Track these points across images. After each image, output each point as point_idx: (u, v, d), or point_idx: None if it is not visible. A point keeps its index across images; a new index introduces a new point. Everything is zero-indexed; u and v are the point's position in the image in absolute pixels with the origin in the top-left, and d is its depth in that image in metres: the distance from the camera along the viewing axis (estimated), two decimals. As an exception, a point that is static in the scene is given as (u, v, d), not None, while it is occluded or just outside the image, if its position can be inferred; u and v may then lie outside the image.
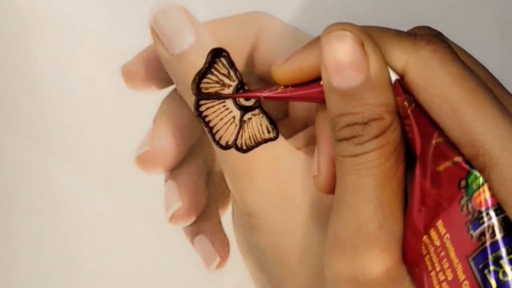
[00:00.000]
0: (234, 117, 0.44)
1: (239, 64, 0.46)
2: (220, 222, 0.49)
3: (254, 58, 0.47)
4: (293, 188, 0.43)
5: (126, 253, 0.50)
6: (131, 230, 0.49)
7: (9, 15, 0.49)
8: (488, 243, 0.33)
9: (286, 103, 0.47)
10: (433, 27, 0.53)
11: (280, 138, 0.44)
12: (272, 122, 0.44)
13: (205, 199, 0.48)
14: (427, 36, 0.36)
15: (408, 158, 0.37)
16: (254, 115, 0.44)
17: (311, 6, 0.50)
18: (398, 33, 0.37)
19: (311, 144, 0.45)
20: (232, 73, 0.44)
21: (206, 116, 0.44)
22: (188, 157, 0.48)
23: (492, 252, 0.33)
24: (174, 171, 0.47)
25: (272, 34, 0.47)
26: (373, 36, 0.37)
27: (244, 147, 0.43)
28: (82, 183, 0.49)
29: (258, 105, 0.44)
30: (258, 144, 0.43)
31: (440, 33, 0.38)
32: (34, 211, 0.50)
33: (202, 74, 0.44)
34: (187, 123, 0.47)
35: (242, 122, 0.44)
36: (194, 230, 0.48)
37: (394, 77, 0.36)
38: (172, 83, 0.46)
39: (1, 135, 0.49)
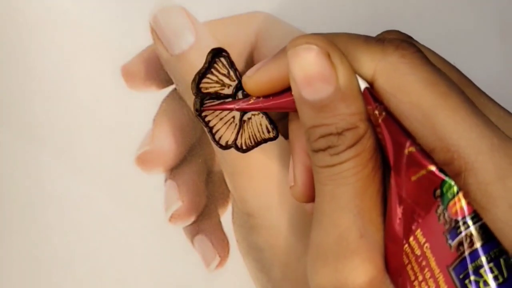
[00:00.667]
0: (234, 117, 0.44)
1: (239, 64, 0.46)
2: (220, 222, 0.49)
3: (254, 58, 0.47)
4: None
5: (126, 253, 0.50)
6: (131, 230, 0.49)
7: (9, 15, 0.49)
8: (467, 253, 0.33)
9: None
10: (432, 27, 0.53)
11: (280, 138, 0.44)
12: (272, 122, 0.44)
13: (205, 199, 0.48)
14: (396, 41, 0.35)
15: (385, 164, 0.36)
16: (254, 115, 0.44)
17: (311, 6, 0.50)
18: (366, 40, 0.36)
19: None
20: (232, 73, 0.44)
21: (206, 116, 0.44)
22: (188, 157, 0.48)
23: (471, 262, 0.33)
24: (174, 171, 0.47)
25: (272, 34, 0.47)
26: (341, 44, 0.36)
27: (244, 147, 0.43)
28: (82, 183, 0.49)
29: (258, 105, 0.44)
30: (258, 144, 0.43)
31: (409, 37, 0.38)
32: (33, 210, 0.50)
33: (202, 74, 0.44)
34: (187, 123, 0.47)
35: (242, 122, 0.44)
36: (194, 230, 0.48)
37: (363, 85, 0.36)
38: (172, 83, 0.46)
39: (1, 135, 0.49)
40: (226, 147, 0.43)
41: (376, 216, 0.36)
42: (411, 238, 0.35)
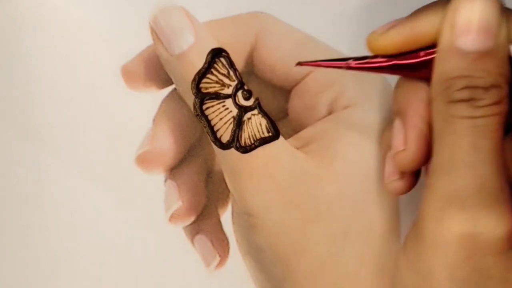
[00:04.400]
0: (233, 117, 0.44)
1: (239, 64, 0.46)
2: (219, 222, 0.49)
3: (254, 58, 0.47)
4: (293, 188, 0.43)
5: (126, 253, 0.50)
6: (131, 230, 0.49)
7: (9, 15, 0.49)
8: None
9: (285, 102, 0.48)
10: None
11: (280, 138, 0.44)
12: (271, 121, 0.44)
13: (205, 199, 0.48)
14: None
15: None
16: (253, 115, 0.44)
17: (311, 6, 0.50)
18: None
19: (310, 144, 0.45)
20: (231, 73, 0.44)
21: (205, 116, 0.44)
22: (188, 157, 0.48)
23: None
24: (173, 171, 0.47)
25: (272, 34, 0.47)
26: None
27: (244, 147, 0.43)
28: (81, 183, 0.49)
29: (258, 105, 0.44)
30: (257, 143, 0.43)
31: None
32: (33, 210, 0.50)
33: (201, 74, 0.44)
34: (187, 123, 0.47)
35: (241, 122, 0.44)
36: (194, 230, 0.48)
37: None
38: (171, 83, 0.46)
39: (0, 134, 0.49)
40: (226, 147, 0.43)
41: (509, 175, 0.37)
42: None
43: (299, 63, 0.42)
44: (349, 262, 0.43)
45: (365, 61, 0.39)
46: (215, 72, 0.44)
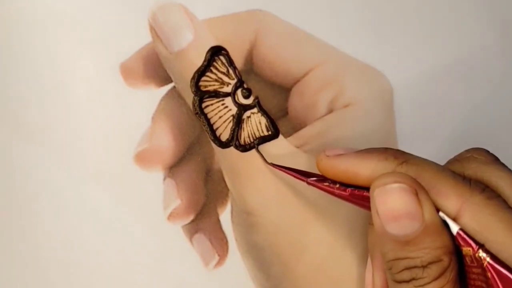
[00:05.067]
0: (233, 116, 0.43)
1: (238, 62, 0.46)
2: (218, 221, 0.49)
3: (253, 56, 0.47)
4: (292, 187, 0.43)
5: (125, 251, 0.50)
6: (130, 229, 0.49)
7: (7, 13, 0.49)
8: None
9: (285, 101, 0.47)
10: (433, 26, 0.53)
11: (280, 136, 0.44)
12: (271, 120, 0.44)
13: (204, 197, 0.48)
14: (481, 184, 0.38)
15: None
16: (253, 113, 0.44)
17: (310, 4, 0.50)
18: (454, 177, 0.38)
19: (310, 143, 0.45)
20: (231, 71, 0.44)
21: (205, 114, 0.43)
22: (187, 155, 0.47)
23: None
24: (172, 169, 0.47)
25: (271, 32, 0.47)
26: (429, 175, 0.38)
27: (243, 146, 0.43)
28: (80, 181, 0.49)
29: (257, 103, 0.44)
30: (257, 142, 0.43)
31: (496, 158, 0.40)
32: (32, 209, 0.49)
33: (201, 72, 0.43)
34: (186, 121, 0.46)
35: (241, 120, 0.44)
36: (193, 229, 0.48)
37: (455, 227, 0.37)
38: (171, 81, 0.46)
39: (0, 134, 0.49)
40: (225, 145, 0.43)
41: None
42: None
43: (271, 164, 0.42)
44: (349, 261, 0.43)
45: (321, 183, 0.40)
46: (214, 70, 0.44)
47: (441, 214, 0.37)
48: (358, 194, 0.39)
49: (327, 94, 0.46)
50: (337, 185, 0.40)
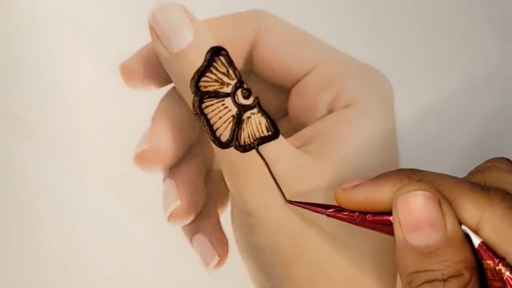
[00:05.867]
0: (233, 116, 0.43)
1: (238, 62, 0.46)
2: (219, 221, 0.49)
3: (253, 56, 0.47)
4: (292, 187, 0.43)
5: (125, 252, 0.50)
6: (130, 229, 0.49)
7: (6, 13, 0.49)
8: None
9: (285, 101, 0.47)
10: (433, 26, 0.53)
11: (280, 137, 0.44)
12: (271, 120, 0.44)
13: (204, 198, 0.48)
14: (501, 193, 0.37)
15: None
16: (253, 113, 0.44)
17: (310, 4, 0.50)
18: (472, 188, 0.38)
19: (310, 144, 0.45)
20: (231, 71, 0.44)
21: (205, 114, 0.43)
22: (187, 155, 0.47)
23: None
24: (172, 169, 0.47)
25: (271, 32, 0.47)
26: (445, 188, 0.37)
27: (243, 146, 0.43)
28: (80, 181, 0.49)
29: (257, 103, 0.44)
30: (257, 142, 0.43)
31: None
32: (32, 209, 0.49)
33: (200, 73, 0.43)
34: (186, 121, 0.46)
35: (241, 120, 0.43)
36: (193, 229, 0.48)
37: (477, 240, 0.37)
38: (171, 81, 0.46)
39: (0, 134, 0.49)
40: (225, 146, 0.43)
41: None
42: None
43: (289, 201, 0.42)
44: (349, 262, 0.43)
45: (340, 214, 0.41)
46: (214, 71, 0.44)
47: (463, 227, 0.37)
48: (379, 219, 0.39)
49: (327, 95, 0.46)
50: (356, 213, 0.40)
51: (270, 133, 0.44)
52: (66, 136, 0.49)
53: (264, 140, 0.43)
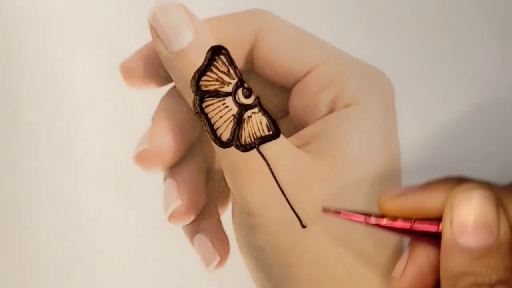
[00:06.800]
0: (234, 115, 0.43)
1: (239, 62, 0.46)
2: (219, 221, 0.49)
3: (254, 55, 0.47)
4: (293, 187, 0.43)
5: (125, 251, 0.49)
6: (130, 229, 0.49)
7: (7, 13, 0.49)
8: None
9: (286, 101, 0.47)
10: (433, 26, 0.53)
11: (281, 136, 0.44)
12: (272, 120, 0.44)
13: (205, 197, 0.48)
14: None
15: None
16: (254, 113, 0.44)
17: (310, 4, 0.50)
18: None
19: (311, 143, 0.44)
20: (231, 70, 0.44)
21: (205, 114, 0.43)
22: (188, 155, 0.47)
23: None
24: (173, 169, 0.47)
25: (272, 32, 0.46)
26: (496, 194, 0.37)
27: (244, 146, 0.43)
28: (80, 181, 0.49)
29: (258, 103, 0.44)
30: (258, 142, 0.43)
31: None
32: (32, 209, 0.49)
33: (201, 72, 0.43)
34: (187, 121, 0.46)
35: (241, 120, 0.43)
36: (194, 229, 0.48)
37: None
38: (171, 81, 0.46)
39: (0, 134, 0.49)
40: (226, 145, 0.43)
41: None
42: None
43: (325, 210, 0.42)
44: (350, 261, 0.43)
45: (383, 222, 0.40)
46: (214, 70, 0.44)
47: None
48: (427, 225, 0.39)
49: (328, 94, 0.46)
50: (399, 220, 0.40)
51: (271, 132, 0.44)
52: (66, 136, 0.49)
53: (265, 139, 0.43)
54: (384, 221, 0.40)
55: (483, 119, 0.54)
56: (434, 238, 0.39)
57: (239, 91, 0.44)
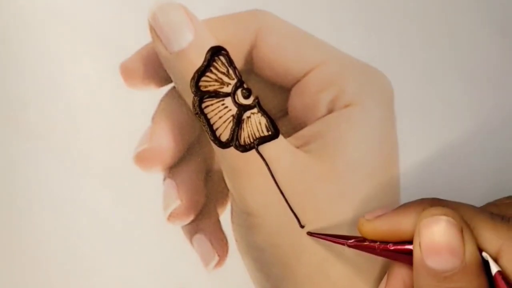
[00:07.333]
0: (233, 116, 0.43)
1: (238, 62, 0.46)
2: (219, 221, 0.49)
3: (253, 56, 0.47)
4: (292, 187, 0.43)
5: (125, 252, 0.50)
6: (130, 229, 0.49)
7: (6, 13, 0.49)
8: None
9: (285, 101, 0.47)
10: (433, 26, 0.53)
11: (280, 136, 0.44)
12: (271, 120, 0.44)
13: (204, 197, 0.48)
14: None
15: None
16: (253, 113, 0.44)
17: (310, 4, 0.50)
18: (492, 218, 0.39)
19: (310, 143, 0.45)
20: (231, 71, 0.44)
21: (205, 114, 0.43)
22: (187, 155, 0.47)
23: None
24: (172, 169, 0.47)
25: (271, 32, 0.46)
26: (467, 217, 0.38)
27: (243, 146, 0.43)
28: (80, 181, 0.49)
29: (257, 103, 0.44)
30: (257, 142, 0.43)
31: None
32: (32, 209, 0.49)
33: (201, 72, 0.43)
34: (186, 121, 0.46)
35: (241, 120, 0.43)
36: (193, 229, 0.48)
37: (495, 268, 0.38)
38: (170, 81, 0.46)
39: (0, 134, 0.49)
40: (225, 145, 0.43)
41: None
42: None
43: (309, 233, 0.43)
44: (349, 261, 0.43)
45: (362, 244, 0.41)
46: (214, 70, 0.44)
47: (484, 254, 0.38)
48: (401, 248, 0.40)
49: (328, 94, 0.46)
50: (377, 243, 0.41)
51: (270, 133, 0.44)
52: (66, 136, 0.49)
53: (264, 140, 0.43)
54: (365, 243, 0.41)
55: (483, 119, 0.54)
56: (411, 259, 0.40)
57: (239, 92, 0.44)
